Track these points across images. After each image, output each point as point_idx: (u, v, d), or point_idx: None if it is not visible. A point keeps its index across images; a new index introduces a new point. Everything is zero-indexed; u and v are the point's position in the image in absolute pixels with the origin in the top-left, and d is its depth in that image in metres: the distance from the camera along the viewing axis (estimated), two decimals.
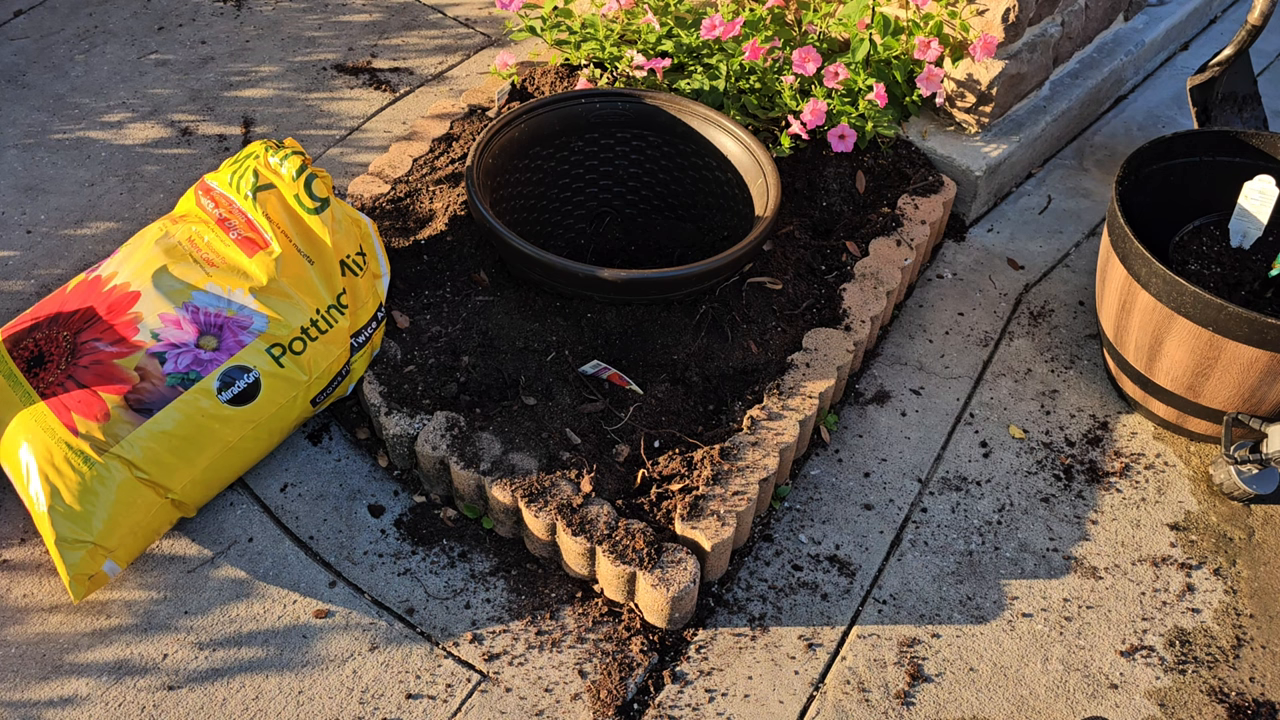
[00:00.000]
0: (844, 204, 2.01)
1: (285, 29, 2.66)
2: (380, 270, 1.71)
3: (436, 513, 1.63)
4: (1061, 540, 1.66)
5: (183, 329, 1.53)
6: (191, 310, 1.54)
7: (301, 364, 1.57)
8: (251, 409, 1.54)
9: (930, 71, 2.02)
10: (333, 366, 1.60)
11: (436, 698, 1.43)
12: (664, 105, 1.91)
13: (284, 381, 1.56)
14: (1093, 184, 2.31)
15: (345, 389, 1.67)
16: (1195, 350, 1.64)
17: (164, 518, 1.52)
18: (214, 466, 1.53)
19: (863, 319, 1.79)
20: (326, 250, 1.61)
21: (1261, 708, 1.48)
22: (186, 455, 1.50)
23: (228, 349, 1.53)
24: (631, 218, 2.03)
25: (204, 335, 1.53)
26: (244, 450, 1.57)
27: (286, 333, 1.56)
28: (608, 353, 1.72)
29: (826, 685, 1.47)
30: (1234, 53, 1.99)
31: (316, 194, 1.62)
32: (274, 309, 1.56)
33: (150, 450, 1.47)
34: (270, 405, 1.55)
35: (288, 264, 1.58)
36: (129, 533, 1.47)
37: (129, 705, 1.40)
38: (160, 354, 1.50)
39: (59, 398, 1.47)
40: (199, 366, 1.51)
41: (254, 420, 1.55)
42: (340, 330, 1.61)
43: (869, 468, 1.73)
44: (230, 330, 1.54)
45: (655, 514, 1.53)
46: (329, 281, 1.61)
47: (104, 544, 1.45)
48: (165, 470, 1.48)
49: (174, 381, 1.49)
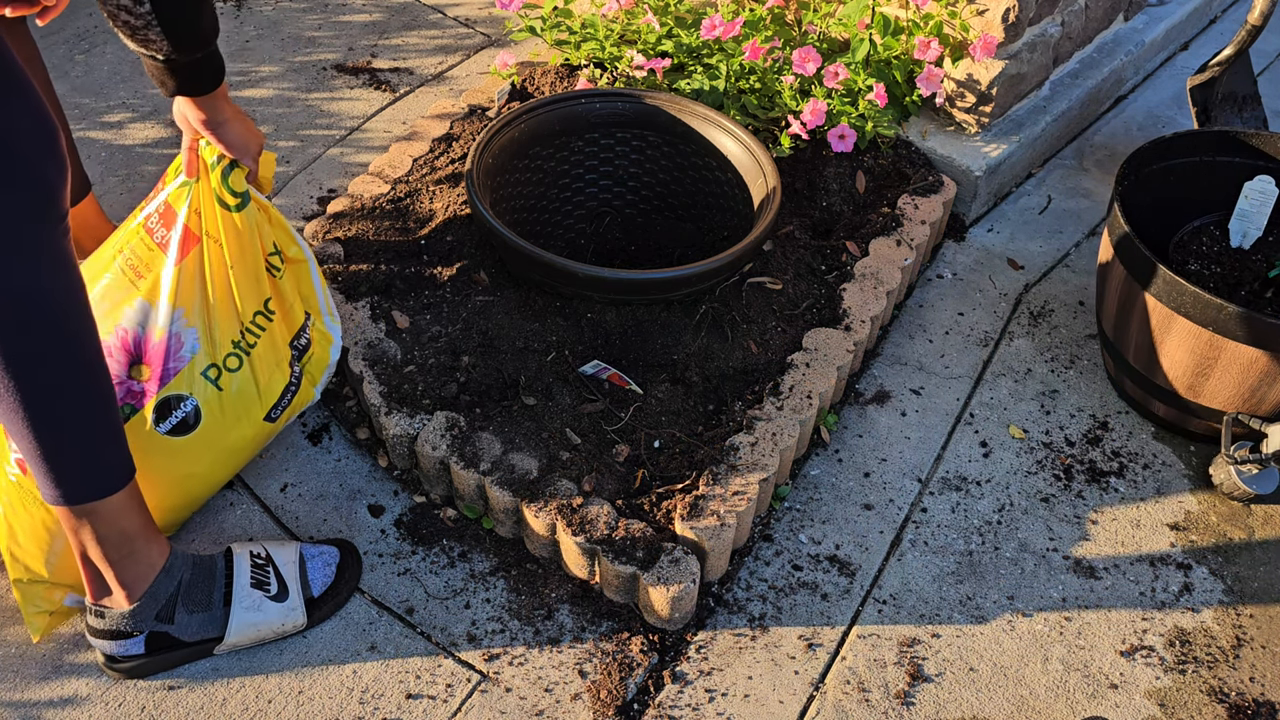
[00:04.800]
0: (844, 204, 2.02)
1: (285, 29, 2.66)
2: (303, 256, 1.57)
3: (436, 513, 1.63)
4: (1061, 540, 1.66)
5: (113, 358, 1.43)
6: (120, 335, 1.44)
7: (240, 381, 1.49)
8: (196, 436, 1.46)
9: (930, 71, 2.02)
10: (276, 378, 1.52)
11: (436, 698, 1.43)
12: (664, 105, 1.91)
13: (226, 402, 1.48)
14: (1093, 184, 2.31)
15: (306, 399, 1.59)
16: (1195, 350, 1.64)
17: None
18: (171, 495, 1.48)
19: (863, 319, 1.79)
20: (250, 251, 1.49)
21: (1261, 708, 1.48)
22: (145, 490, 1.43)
23: (161, 377, 1.44)
24: (631, 218, 2.03)
25: (134, 365, 1.44)
26: (203, 476, 1.51)
27: (219, 351, 1.47)
28: (608, 353, 1.72)
29: (826, 685, 1.47)
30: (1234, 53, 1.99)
31: (235, 188, 1.46)
32: (202, 323, 1.46)
33: None
34: (216, 428, 1.48)
35: (215, 270, 1.47)
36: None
37: (129, 705, 1.40)
38: None
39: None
40: (133, 399, 1.43)
41: (203, 446, 1.47)
42: (274, 336, 1.51)
43: (869, 468, 1.74)
44: (159, 355, 1.44)
45: (655, 514, 1.53)
46: (256, 286, 1.50)
47: (60, 580, 1.43)
48: None
49: None
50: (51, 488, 1.27)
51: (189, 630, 1.41)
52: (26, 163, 1.14)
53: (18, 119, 1.13)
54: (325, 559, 1.51)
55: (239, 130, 1.42)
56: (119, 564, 1.34)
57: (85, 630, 1.43)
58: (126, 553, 1.34)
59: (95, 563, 1.34)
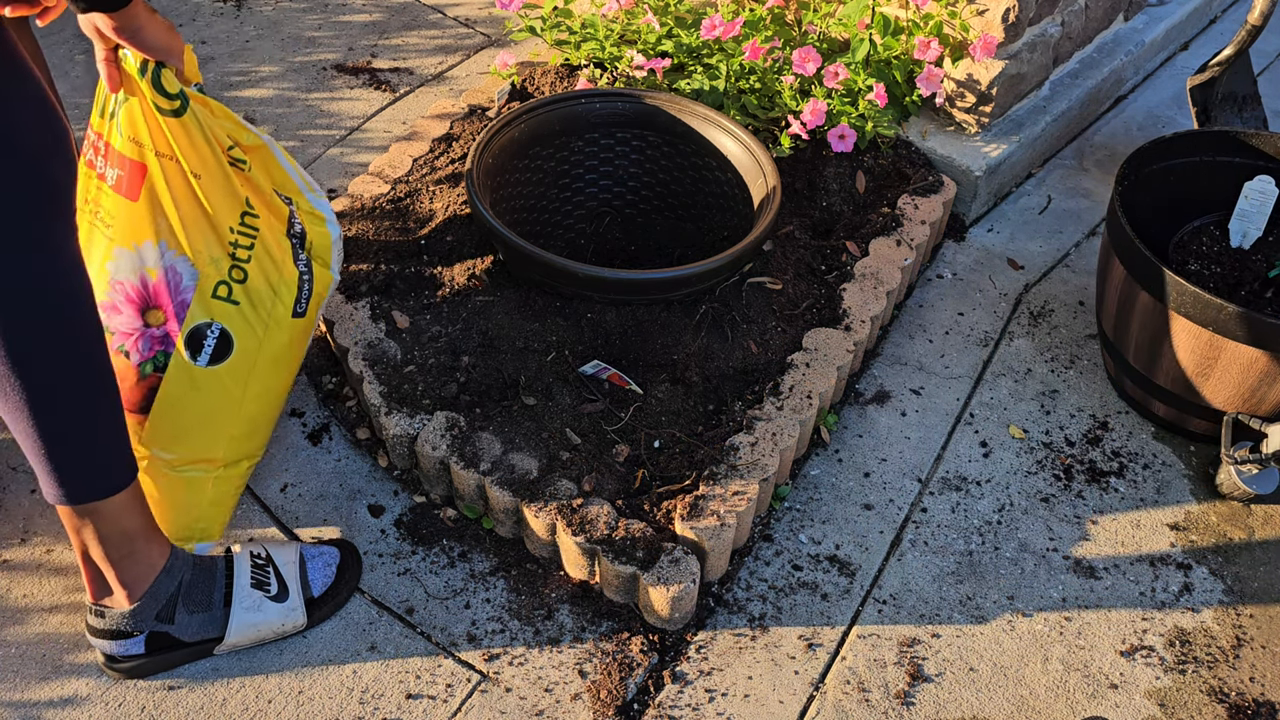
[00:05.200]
0: (844, 204, 2.02)
1: (285, 29, 2.66)
2: (259, 140, 1.47)
3: (436, 513, 1.63)
4: (1061, 540, 1.66)
5: (123, 313, 1.41)
6: (118, 288, 1.41)
7: (253, 289, 1.44)
8: (236, 357, 1.44)
9: (930, 71, 2.02)
10: (286, 271, 1.47)
11: (436, 698, 1.43)
12: (664, 105, 1.91)
13: (248, 314, 1.44)
14: (1093, 184, 2.31)
15: (326, 283, 1.54)
16: (1195, 350, 1.64)
17: (230, 483, 1.52)
18: (239, 422, 1.48)
19: (863, 319, 1.79)
20: (208, 155, 1.38)
21: (1261, 708, 1.48)
22: (206, 430, 1.46)
23: (175, 314, 1.41)
24: (631, 218, 2.03)
25: (146, 310, 1.41)
26: (260, 394, 1.49)
27: (218, 268, 1.41)
28: (608, 353, 1.72)
29: (826, 685, 1.47)
30: (1234, 53, 1.99)
31: (169, 89, 1.33)
32: (190, 248, 1.40)
33: (167, 441, 1.45)
34: (251, 343, 1.45)
35: (179, 190, 1.38)
36: (200, 514, 1.49)
37: (129, 705, 1.40)
38: (123, 350, 1.43)
39: None
40: (162, 345, 1.41)
41: (247, 365, 1.45)
42: (266, 234, 1.45)
43: (869, 468, 1.74)
44: (162, 293, 1.40)
45: (655, 514, 1.53)
46: (228, 189, 1.41)
47: (180, 535, 1.48)
48: (196, 450, 1.46)
49: (148, 371, 1.43)
50: (54, 487, 1.27)
51: (189, 630, 1.41)
52: (29, 159, 1.14)
53: (20, 115, 1.13)
54: (325, 559, 1.51)
55: (157, 31, 1.29)
56: (120, 564, 1.34)
57: (85, 630, 1.43)
58: (127, 552, 1.34)
59: (96, 562, 1.34)
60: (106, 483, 1.29)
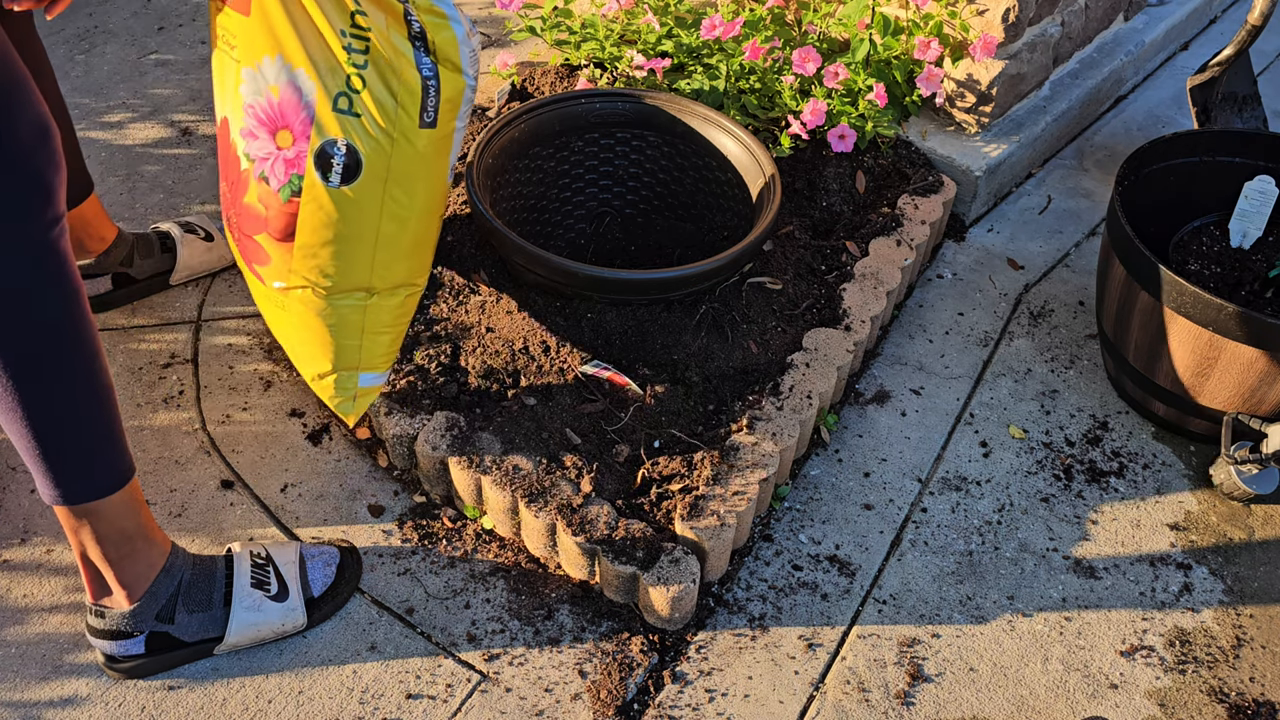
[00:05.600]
0: (844, 204, 2.02)
1: None
2: None
3: (436, 513, 1.63)
4: (1061, 540, 1.66)
5: (259, 137, 1.35)
6: (249, 111, 1.35)
7: (373, 98, 1.32)
8: (367, 175, 1.34)
9: (930, 71, 2.02)
10: (406, 76, 1.34)
11: (436, 698, 1.43)
12: (664, 105, 1.91)
13: (373, 126, 1.34)
14: (1093, 184, 2.31)
15: (458, 88, 1.38)
16: (1195, 350, 1.64)
17: (387, 313, 1.47)
18: (385, 248, 1.40)
19: (863, 319, 1.79)
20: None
21: (1261, 708, 1.48)
22: (349, 255, 1.38)
23: (302, 134, 1.33)
24: (631, 218, 2.04)
25: (276, 132, 1.34)
26: (400, 214, 1.40)
27: (335, 78, 1.31)
28: (608, 353, 1.72)
29: (826, 685, 1.47)
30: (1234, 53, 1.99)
31: None
32: (305, 60, 1.31)
33: (314, 270, 1.39)
34: (380, 159, 1.35)
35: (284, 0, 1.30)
36: (361, 343, 1.47)
37: (129, 705, 1.40)
38: (263, 175, 1.36)
39: (244, 253, 1.46)
40: (293, 166, 1.34)
41: (379, 183, 1.36)
42: (379, 39, 1.32)
43: (869, 468, 1.74)
44: (289, 112, 1.33)
45: (655, 514, 1.53)
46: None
47: (343, 366, 1.48)
48: (345, 278, 1.40)
49: (287, 195, 1.35)
50: (50, 488, 1.27)
51: (189, 630, 1.41)
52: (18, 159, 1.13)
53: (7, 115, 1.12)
54: (325, 559, 1.51)
55: None
56: (119, 564, 1.34)
57: (85, 630, 1.43)
58: (126, 552, 1.34)
59: (95, 562, 1.34)
60: (103, 482, 1.29)
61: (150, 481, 1.65)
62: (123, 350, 1.85)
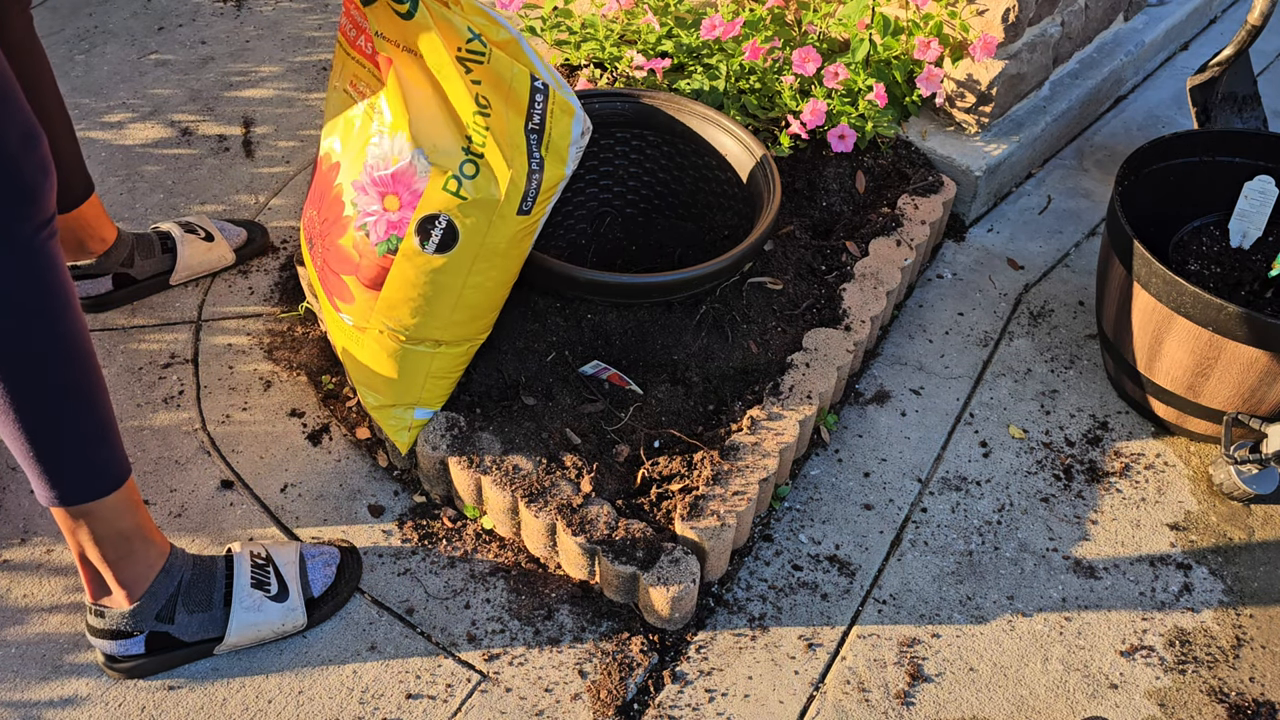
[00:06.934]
0: (844, 204, 2.02)
1: (285, 29, 2.66)
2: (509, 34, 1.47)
3: (436, 513, 1.63)
4: (1061, 540, 1.66)
5: (368, 195, 1.46)
6: (368, 170, 1.45)
7: (480, 185, 1.43)
8: (461, 248, 1.46)
9: (930, 71, 2.02)
10: (516, 167, 1.44)
11: (436, 698, 1.43)
12: (663, 105, 1.91)
13: (475, 209, 1.44)
14: (1093, 184, 2.31)
15: (557, 179, 1.50)
16: (1195, 350, 1.64)
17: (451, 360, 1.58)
18: (463, 306, 1.52)
19: (863, 319, 1.79)
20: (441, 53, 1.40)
21: (1261, 708, 1.48)
22: (429, 313, 1.50)
23: (409, 204, 1.43)
24: (632, 217, 2.04)
25: (386, 197, 1.45)
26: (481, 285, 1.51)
27: (450, 161, 1.42)
28: (608, 353, 1.72)
29: (826, 685, 1.47)
30: (1234, 53, 1.99)
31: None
32: (427, 142, 1.42)
33: (395, 318, 1.50)
34: (475, 237, 1.45)
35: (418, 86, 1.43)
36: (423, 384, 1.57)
37: (129, 705, 1.40)
38: (364, 226, 1.47)
39: (325, 283, 1.56)
40: (394, 229, 1.45)
41: (469, 256, 1.47)
42: (499, 129, 1.43)
43: (869, 468, 1.74)
44: (401, 183, 1.43)
45: (655, 514, 1.53)
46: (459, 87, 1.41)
47: (401, 401, 1.57)
48: (420, 330, 1.52)
49: (383, 251, 1.46)
50: (45, 489, 1.27)
51: (189, 630, 1.41)
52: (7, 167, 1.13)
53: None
54: (325, 559, 1.51)
55: None
56: (117, 564, 1.34)
57: (85, 630, 1.43)
58: (125, 553, 1.34)
59: (93, 563, 1.34)
60: (99, 483, 1.29)
61: (150, 482, 1.65)
62: (123, 350, 1.85)
